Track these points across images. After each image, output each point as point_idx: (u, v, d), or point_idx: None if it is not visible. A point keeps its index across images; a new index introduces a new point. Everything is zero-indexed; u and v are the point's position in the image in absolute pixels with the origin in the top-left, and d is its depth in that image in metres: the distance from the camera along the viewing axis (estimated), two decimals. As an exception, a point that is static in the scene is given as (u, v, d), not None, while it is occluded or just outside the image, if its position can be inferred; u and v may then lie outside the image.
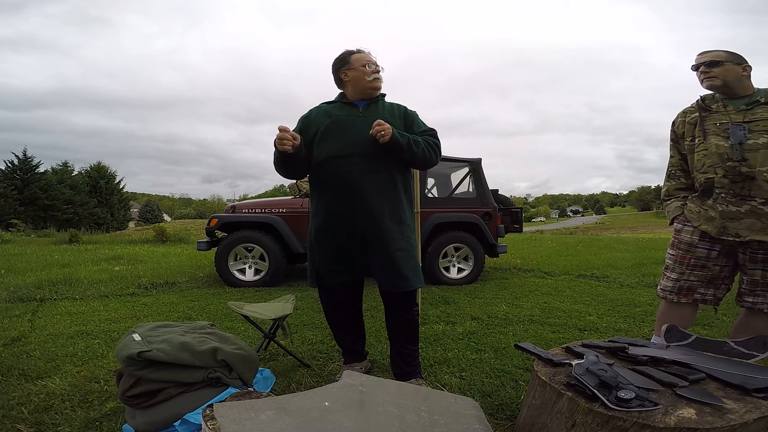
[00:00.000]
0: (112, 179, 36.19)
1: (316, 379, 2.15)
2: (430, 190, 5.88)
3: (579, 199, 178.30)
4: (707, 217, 1.81)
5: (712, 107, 1.84)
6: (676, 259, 1.92)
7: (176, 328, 1.83)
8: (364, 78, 1.95)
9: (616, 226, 56.67)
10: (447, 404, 1.40)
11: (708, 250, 1.83)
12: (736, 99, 1.80)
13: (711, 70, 1.80)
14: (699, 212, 1.85)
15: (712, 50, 1.86)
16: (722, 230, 1.76)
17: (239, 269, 4.94)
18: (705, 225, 1.82)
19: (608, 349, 1.51)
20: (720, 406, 1.12)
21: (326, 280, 2.00)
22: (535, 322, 3.28)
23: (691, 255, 1.86)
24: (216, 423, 1.10)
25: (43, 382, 2.09)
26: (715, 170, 1.77)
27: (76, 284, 4.92)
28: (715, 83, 1.80)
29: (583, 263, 6.95)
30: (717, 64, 1.80)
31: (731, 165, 1.72)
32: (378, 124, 1.78)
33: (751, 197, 1.70)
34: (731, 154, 1.72)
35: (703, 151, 1.82)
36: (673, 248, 1.94)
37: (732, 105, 1.79)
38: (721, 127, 1.78)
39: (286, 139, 1.79)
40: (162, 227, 14.55)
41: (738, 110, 1.77)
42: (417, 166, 2.11)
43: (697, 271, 1.86)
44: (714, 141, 1.78)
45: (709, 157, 1.79)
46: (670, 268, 1.94)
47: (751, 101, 1.76)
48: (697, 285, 1.87)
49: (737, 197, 1.73)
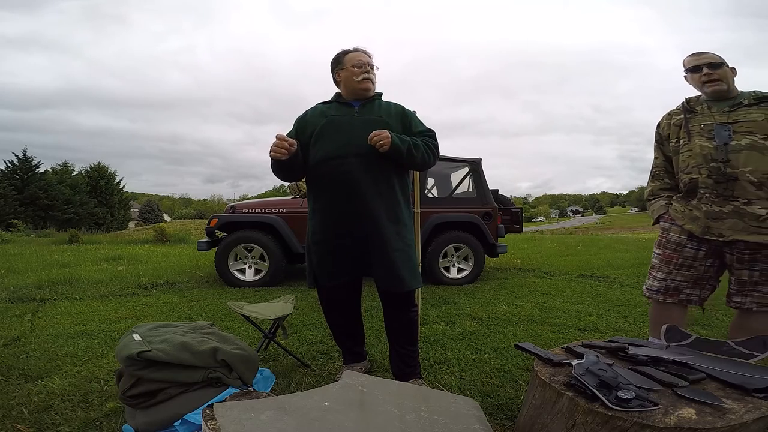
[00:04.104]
0: (112, 179, 36.22)
1: (316, 379, 2.15)
2: (430, 190, 5.88)
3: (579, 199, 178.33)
4: (692, 217, 1.82)
5: (697, 109, 1.85)
6: (663, 258, 1.92)
7: (176, 328, 1.83)
8: (353, 78, 1.94)
9: (616, 226, 56.67)
10: (447, 404, 1.40)
11: (696, 250, 1.84)
12: (721, 101, 1.81)
13: (715, 72, 1.78)
14: (684, 212, 1.86)
15: (706, 52, 1.84)
16: (706, 230, 1.77)
17: (239, 269, 4.94)
18: (689, 224, 1.83)
19: (608, 349, 1.51)
20: (720, 406, 1.12)
21: (324, 280, 2.00)
22: (535, 322, 3.28)
23: (679, 255, 1.87)
24: (216, 423, 1.10)
25: (43, 382, 2.09)
26: (700, 170, 1.78)
27: (76, 284, 4.92)
28: (722, 87, 1.78)
29: (583, 263, 6.95)
30: (719, 66, 1.79)
31: (715, 165, 1.73)
32: (375, 134, 1.76)
33: (734, 197, 1.71)
34: (715, 155, 1.73)
35: (687, 151, 1.83)
36: (660, 247, 1.95)
37: (716, 107, 1.80)
38: (705, 129, 1.79)
39: (283, 148, 1.78)
40: (162, 227, 14.54)
41: (722, 112, 1.78)
42: (414, 169, 2.11)
43: (684, 271, 1.87)
44: (698, 142, 1.79)
45: (693, 158, 1.80)
46: (657, 267, 1.95)
47: (735, 103, 1.77)
48: (684, 285, 1.88)
49: (721, 197, 1.74)
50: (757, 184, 1.67)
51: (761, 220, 1.66)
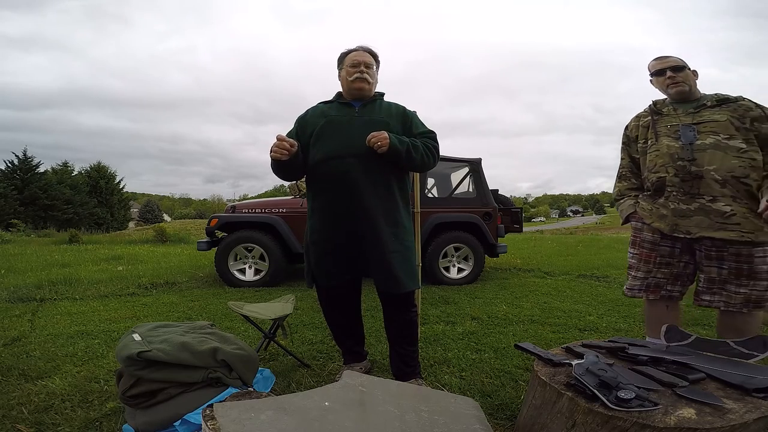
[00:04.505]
0: (112, 179, 36.20)
1: (316, 379, 2.15)
2: (430, 190, 5.88)
3: (579, 199, 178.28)
4: (659, 215, 1.87)
5: (663, 111, 1.92)
6: (641, 257, 1.96)
7: (176, 328, 1.83)
8: (347, 78, 1.95)
9: (615, 226, 56.62)
10: (447, 404, 1.40)
11: (671, 248, 1.89)
12: (686, 103, 1.88)
13: (677, 75, 1.86)
14: (651, 210, 1.91)
15: (669, 55, 1.92)
16: (674, 227, 1.82)
17: (239, 269, 4.94)
18: (657, 222, 1.88)
19: (608, 349, 1.51)
20: (720, 406, 1.12)
21: (322, 280, 2.00)
22: (535, 322, 3.28)
23: (656, 253, 1.92)
24: (216, 423, 1.10)
25: (43, 382, 2.09)
26: (667, 169, 1.83)
27: (76, 284, 4.92)
28: (685, 89, 1.86)
29: (583, 263, 6.95)
30: (681, 69, 1.87)
31: (681, 164, 1.79)
32: (373, 135, 1.76)
33: (700, 195, 1.76)
34: (682, 154, 1.79)
35: (655, 151, 1.89)
36: (636, 247, 1.99)
37: (681, 108, 1.87)
38: (671, 129, 1.85)
39: (284, 149, 1.78)
40: (162, 227, 14.54)
41: (687, 113, 1.85)
42: (414, 170, 2.11)
43: (663, 269, 1.91)
44: (665, 142, 1.85)
45: (660, 157, 1.86)
46: (635, 267, 1.99)
47: (699, 105, 1.84)
48: (664, 282, 1.92)
49: (687, 195, 1.79)
50: (721, 182, 1.73)
51: (726, 217, 1.72)
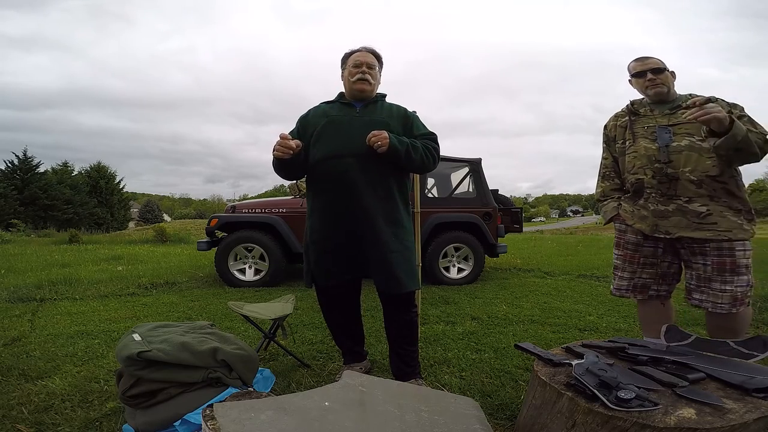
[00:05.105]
0: (112, 179, 36.21)
1: (316, 379, 2.15)
2: (430, 190, 5.88)
3: (579, 199, 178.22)
4: (640, 216, 1.89)
5: (641, 111, 1.92)
6: (626, 259, 1.98)
7: (176, 328, 1.83)
8: (349, 78, 1.95)
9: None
10: (447, 404, 1.40)
11: (653, 248, 1.91)
12: (663, 104, 1.88)
13: (657, 77, 1.87)
14: (632, 212, 1.92)
15: (649, 57, 1.91)
16: (654, 228, 1.84)
17: (239, 269, 4.94)
18: (639, 223, 1.89)
19: (608, 349, 1.51)
20: (720, 406, 1.12)
21: (321, 280, 2.00)
22: (535, 322, 3.28)
23: (639, 254, 1.93)
24: (216, 423, 1.10)
25: (43, 382, 2.09)
26: (645, 171, 1.85)
27: (76, 284, 4.92)
28: (663, 90, 1.87)
29: (583, 263, 6.95)
30: (661, 71, 1.87)
31: (658, 166, 1.80)
32: (374, 135, 1.76)
33: (677, 196, 1.78)
34: (658, 156, 1.80)
35: (633, 153, 1.90)
36: (620, 248, 2.00)
37: (658, 109, 1.88)
38: (648, 130, 1.86)
39: (288, 148, 1.78)
40: (162, 227, 14.55)
41: (663, 114, 1.86)
42: (414, 171, 2.11)
43: (647, 269, 1.93)
44: (643, 143, 1.86)
45: (638, 159, 1.87)
46: (620, 267, 2.00)
47: (674, 106, 1.85)
48: (650, 282, 1.94)
49: (665, 197, 1.80)
50: (696, 183, 1.74)
51: (702, 217, 1.74)
